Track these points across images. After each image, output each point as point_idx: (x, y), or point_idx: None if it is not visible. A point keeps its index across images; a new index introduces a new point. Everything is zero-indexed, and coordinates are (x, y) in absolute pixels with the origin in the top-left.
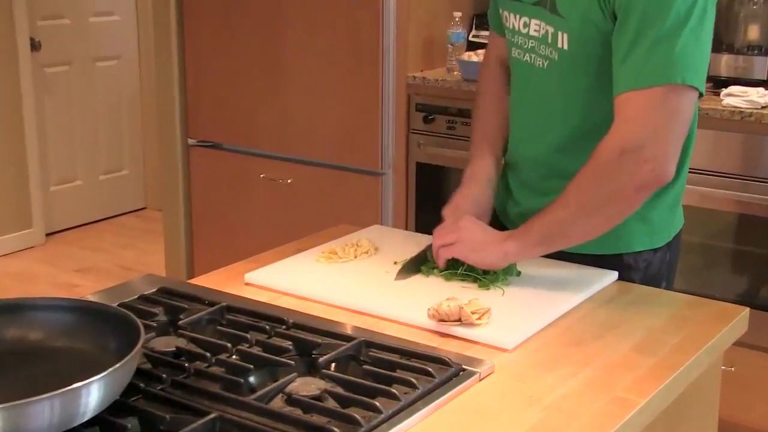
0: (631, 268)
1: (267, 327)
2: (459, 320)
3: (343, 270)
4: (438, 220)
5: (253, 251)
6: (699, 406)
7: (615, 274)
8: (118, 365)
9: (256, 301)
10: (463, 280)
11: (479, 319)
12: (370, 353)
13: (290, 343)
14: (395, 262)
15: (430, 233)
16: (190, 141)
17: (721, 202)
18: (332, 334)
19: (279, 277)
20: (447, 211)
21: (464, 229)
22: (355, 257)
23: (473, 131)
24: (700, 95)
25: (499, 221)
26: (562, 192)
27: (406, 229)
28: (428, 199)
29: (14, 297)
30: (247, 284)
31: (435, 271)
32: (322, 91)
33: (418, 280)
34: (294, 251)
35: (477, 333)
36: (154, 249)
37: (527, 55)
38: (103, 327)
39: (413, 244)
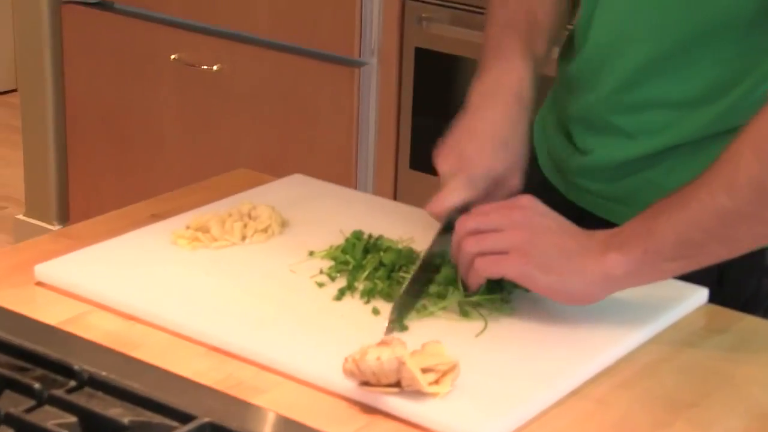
0: None
1: (36, 386)
2: (398, 384)
3: (217, 264)
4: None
5: (144, 186)
6: None
7: (703, 294)
8: None
9: (39, 322)
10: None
11: (436, 383)
12: None
13: (74, 419)
14: (311, 253)
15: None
16: None
17: None
18: (155, 404)
19: (96, 274)
20: (443, 162)
21: (528, 227)
22: (244, 239)
23: (489, 19)
24: None
25: (542, 186)
26: (717, 161)
27: (396, 160)
28: (434, 107)
29: None
30: (38, 284)
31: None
32: None
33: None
34: (145, 218)
35: (431, 410)
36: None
37: None
38: None
39: (361, 216)
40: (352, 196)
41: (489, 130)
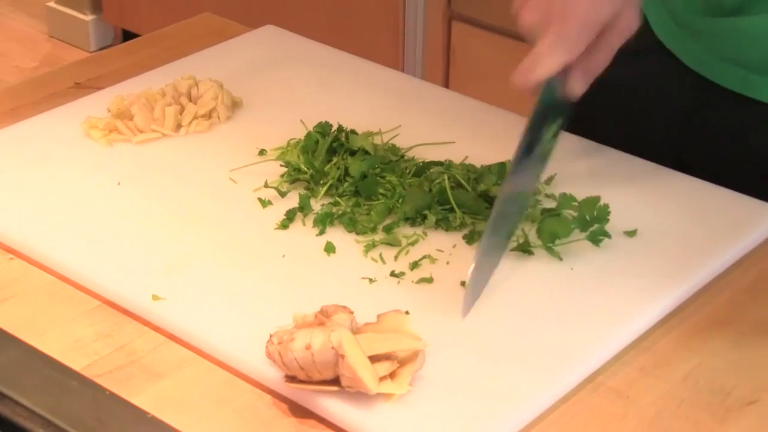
0: None
1: None
2: (336, 381)
3: (135, 169)
4: None
5: None
6: None
7: None
8: None
9: None
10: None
11: (390, 377)
12: None
13: None
14: (262, 152)
15: None
16: None
17: None
18: None
19: None
20: (527, 13)
21: None
22: (179, 129)
23: None
24: None
25: (655, 51)
26: None
27: None
28: None
29: None
30: None
31: None
32: None
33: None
34: (65, 90)
35: (380, 420)
36: None
37: None
38: None
39: (340, 95)
40: (336, 62)
41: None
